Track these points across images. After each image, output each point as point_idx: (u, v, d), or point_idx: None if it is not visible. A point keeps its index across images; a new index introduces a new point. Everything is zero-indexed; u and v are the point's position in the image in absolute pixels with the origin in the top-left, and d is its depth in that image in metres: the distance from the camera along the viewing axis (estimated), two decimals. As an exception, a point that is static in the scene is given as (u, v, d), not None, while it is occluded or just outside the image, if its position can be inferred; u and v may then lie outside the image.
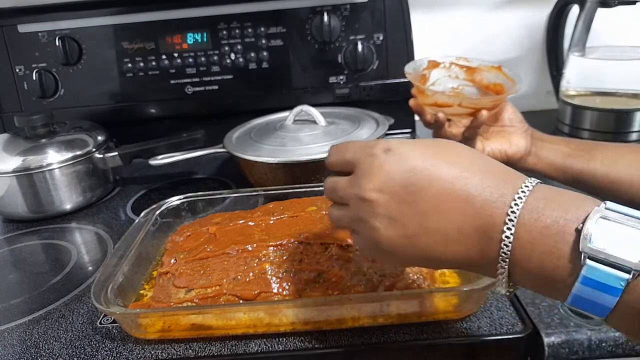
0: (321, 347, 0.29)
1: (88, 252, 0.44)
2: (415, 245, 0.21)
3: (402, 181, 0.21)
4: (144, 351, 0.30)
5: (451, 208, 0.20)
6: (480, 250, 0.20)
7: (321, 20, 0.59)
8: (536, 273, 0.19)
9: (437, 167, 0.21)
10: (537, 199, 0.19)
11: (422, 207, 0.20)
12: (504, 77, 0.40)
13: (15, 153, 0.49)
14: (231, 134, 0.54)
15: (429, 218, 0.20)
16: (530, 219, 0.19)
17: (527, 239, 0.19)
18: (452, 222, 0.20)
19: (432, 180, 0.20)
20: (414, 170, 0.21)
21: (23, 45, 0.61)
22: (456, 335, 0.29)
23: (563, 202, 0.19)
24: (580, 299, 0.18)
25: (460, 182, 0.20)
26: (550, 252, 0.18)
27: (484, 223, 0.19)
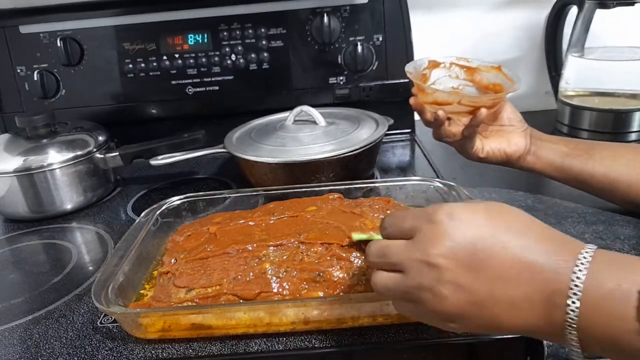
0: (321, 346, 0.29)
1: (89, 251, 0.44)
2: (482, 312, 0.21)
3: (469, 248, 0.21)
4: (144, 351, 0.30)
5: (518, 276, 0.20)
6: (546, 318, 0.20)
7: (321, 21, 0.59)
8: (603, 338, 0.19)
9: (503, 235, 0.21)
10: (598, 263, 0.20)
11: (489, 274, 0.20)
12: (503, 77, 0.40)
13: (16, 153, 0.50)
14: (231, 134, 0.55)
15: (496, 286, 0.20)
16: (594, 284, 0.19)
17: (592, 304, 0.19)
18: (519, 289, 0.20)
19: (500, 248, 0.21)
20: (481, 237, 0.21)
21: (24, 46, 0.61)
22: (456, 335, 0.29)
23: (623, 265, 0.20)
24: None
25: (527, 251, 0.21)
26: (615, 315, 0.19)
27: (550, 291, 0.20)
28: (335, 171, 0.48)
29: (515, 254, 0.21)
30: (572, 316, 0.19)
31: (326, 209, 0.38)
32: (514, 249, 0.21)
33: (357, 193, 0.44)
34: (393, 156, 0.61)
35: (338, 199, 0.41)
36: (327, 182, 0.46)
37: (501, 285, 0.20)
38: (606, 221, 0.39)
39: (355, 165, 0.49)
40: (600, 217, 0.40)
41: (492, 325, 0.21)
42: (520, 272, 0.20)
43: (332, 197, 0.41)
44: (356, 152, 0.47)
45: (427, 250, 0.21)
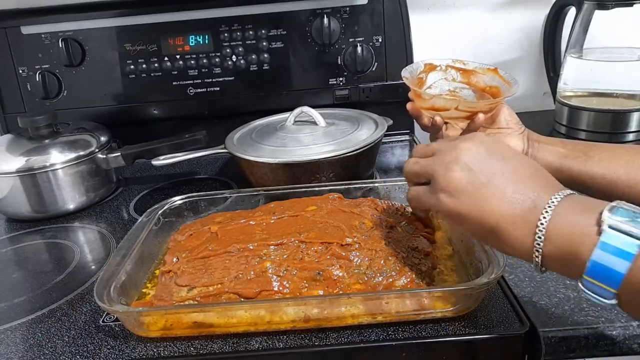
0: (321, 344, 0.30)
1: (91, 251, 0.45)
2: (477, 193, 0.26)
3: (491, 151, 0.27)
4: (146, 349, 0.30)
5: (517, 178, 0.26)
6: (525, 214, 0.24)
7: (321, 22, 0.60)
8: (564, 242, 0.23)
9: (518, 156, 0.28)
10: (577, 195, 0.25)
11: (495, 167, 0.26)
12: (500, 79, 0.41)
13: (18, 153, 0.50)
14: (232, 135, 0.55)
15: (497, 179, 0.26)
16: (569, 200, 0.24)
17: (562, 212, 0.23)
18: (514, 188, 0.25)
19: (512, 159, 0.27)
20: (502, 150, 0.27)
21: (26, 47, 0.61)
22: (454, 333, 0.30)
23: (596, 200, 0.24)
24: (597, 265, 0.21)
25: (532, 163, 0.27)
26: (579, 222, 0.23)
27: (537, 196, 0.25)
28: (335, 171, 0.48)
29: (524, 161, 0.27)
30: (546, 216, 0.23)
31: (326, 209, 0.39)
32: (524, 158, 0.27)
33: (357, 193, 0.44)
34: (392, 156, 0.62)
35: (338, 199, 0.41)
36: (327, 182, 0.46)
37: (501, 180, 0.26)
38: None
39: (355, 166, 0.49)
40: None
41: (478, 206, 0.26)
42: (520, 175, 0.26)
43: (332, 196, 0.41)
44: (356, 152, 0.48)
45: (460, 142, 0.28)
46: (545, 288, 0.33)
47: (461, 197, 0.26)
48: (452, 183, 0.26)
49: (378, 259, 0.33)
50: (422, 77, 0.41)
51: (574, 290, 0.32)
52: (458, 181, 0.26)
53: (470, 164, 0.26)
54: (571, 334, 0.29)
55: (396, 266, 0.32)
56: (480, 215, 0.26)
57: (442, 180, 0.27)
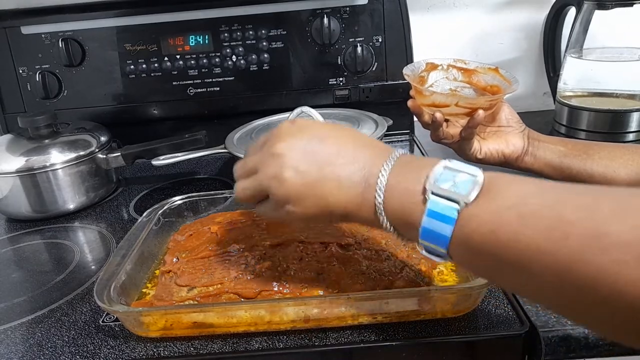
0: (321, 345, 0.30)
1: (91, 251, 0.45)
2: (314, 191, 0.26)
3: (306, 139, 0.26)
4: (146, 349, 0.30)
5: (344, 160, 0.26)
6: (363, 195, 0.25)
7: (321, 22, 0.60)
8: (400, 214, 0.24)
9: (334, 130, 0.27)
10: (406, 157, 0.25)
11: (319, 156, 0.26)
12: (500, 78, 0.41)
13: (18, 153, 0.50)
14: (232, 135, 0.55)
15: (326, 168, 0.26)
16: (396, 169, 0.25)
17: (393, 183, 0.24)
18: (345, 171, 0.25)
19: (330, 137, 0.27)
20: (317, 131, 0.27)
21: (26, 47, 0.61)
22: (454, 333, 0.30)
23: (424, 159, 0.25)
24: (427, 230, 0.23)
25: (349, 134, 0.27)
26: (408, 192, 0.24)
27: (367, 172, 0.25)
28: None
29: (343, 141, 0.26)
30: (380, 192, 0.24)
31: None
32: (343, 138, 0.27)
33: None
34: (393, 156, 0.61)
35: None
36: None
37: (330, 169, 0.25)
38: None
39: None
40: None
41: (322, 202, 0.26)
42: (346, 157, 0.26)
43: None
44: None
45: (272, 146, 0.27)
46: (545, 288, 0.33)
47: (304, 202, 0.26)
48: (289, 192, 0.26)
49: (378, 259, 0.33)
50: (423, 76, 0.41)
51: (574, 290, 0.32)
52: (293, 188, 0.26)
53: (295, 165, 0.26)
54: (571, 334, 0.29)
55: (396, 266, 0.32)
56: (328, 210, 0.26)
57: (279, 193, 0.26)
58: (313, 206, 0.26)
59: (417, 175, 0.23)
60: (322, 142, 0.26)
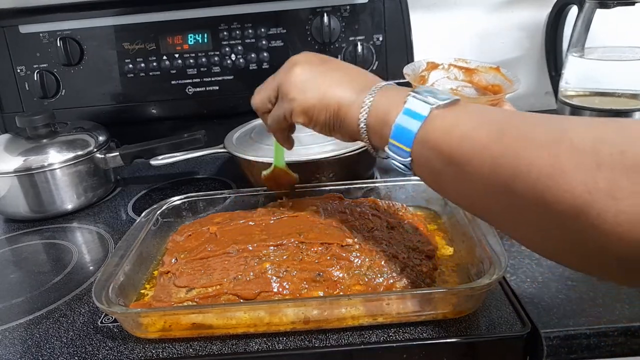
0: (321, 346, 0.29)
1: (89, 251, 0.44)
2: (317, 81, 0.30)
3: (319, 55, 0.33)
4: (144, 350, 0.30)
5: (348, 70, 0.32)
6: (357, 96, 0.29)
7: (321, 21, 0.59)
8: (381, 115, 0.28)
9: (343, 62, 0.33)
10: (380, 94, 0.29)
11: (329, 64, 0.32)
12: (502, 77, 0.40)
13: (16, 153, 0.50)
14: (231, 134, 0.55)
15: (333, 70, 0.31)
16: (389, 87, 0.29)
17: (383, 93, 0.29)
18: (346, 75, 0.31)
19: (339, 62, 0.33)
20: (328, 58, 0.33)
21: (24, 46, 0.61)
22: (455, 334, 0.29)
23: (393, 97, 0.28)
24: (398, 128, 0.26)
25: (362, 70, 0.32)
26: (395, 98, 0.27)
27: (365, 82, 0.30)
28: (336, 171, 0.48)
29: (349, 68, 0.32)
30: (372, 92, 0.29)
31: (326, 209, 0.38)
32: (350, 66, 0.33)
33: (357, 193, 0.44)
34: (393, 156, 0.61)
35: (338, 199, 0.41)
36: (327, 182, 0.46)
37: (336, 73, 0.31)
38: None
39: (355, 165, 0.49)
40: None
41: (322, 92, 0.30)
42: (350, 69, 0.32)
43: (332, 197, 0.41)
44: (356, 152, 0.47)
45: (288, 60, 0.32)
46: (547, 289, 0.32)
47: (306, 89, 0.30)
48: (295, 80, 0.30)
49: (379, 260, 0.33)
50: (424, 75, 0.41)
51: (576, 291, 0.32)
52: (299, 75, 0.30)
53: (306, 61, 0.31)
54: (573, 334, 0.29)
55: (397, 267, 0.32)
56: (325, 100, 0.30)
57: (286, 83, 0.31)
58: (313, 94, 0.30)
59: (405, 89, 0.28)
60: (333, 61, 0.32)
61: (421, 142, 0.25)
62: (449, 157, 0.24)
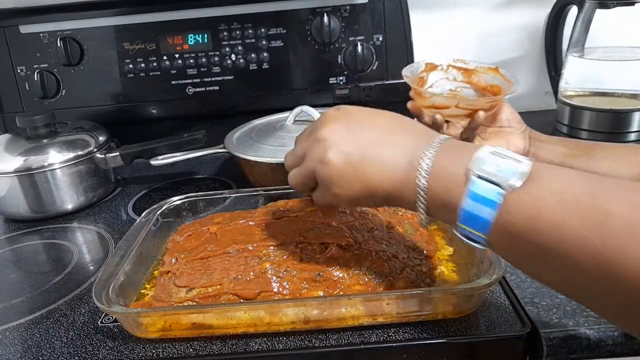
0: (321, 346, 0.29)
1: (89, 251, 0.44)
2: (358, 173, 0.26)
3: (349, 120, 0.28)
4: (145, 350, 0.30)
5: (388, 142, 0.26)
6: (406, 176, 0.25)
7: (321, 21, 0.59)
8: (441, 196, 0.24)
9: (378, 117, 0.28)
10: (450, 142, 0.25)
11: (362, 139, 0.26)
12: (501, 78, 0.40)
13: (16, 153, 0.50)
14: (231, 134, 0.55)
15: (369, 150, 0.26)
16: (442, 153, 0.25)
17: (437, 166, 0.24)
18: (388, 153, 0.26)
19: (374, 120, 0.27)
20: (359, 114, 0.28)
21: (25, 46, 0.61)
22: (455, 334, 0.29)
23: (468, 145, 0.25)
24: (467, 214, 0.23)
25: (391, 118, 0.28)
26: (451, 175, 0.24)
27: (411, 155, 0.25)
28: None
29: (385, 129, 0.27)
30: (423, 174, 0.24)
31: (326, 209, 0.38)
32: (386, 127, 0.27)
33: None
34: (393, 156, 0.61)
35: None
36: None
37: (373, 151, 0.26)
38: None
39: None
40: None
41: (364, 184, 0.26)
42: (389, 144, 0.26)
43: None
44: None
45: (317, 132, 0.28)
46: (547, 289, 0.32)
47: (347, 183, 0.27)
48: (333, 174, 0.27)
49: (378, 260, 0.33)
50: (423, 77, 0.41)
51: (575, 291, 0.32)
52: (337, 169, 0.26)
53: (339, 147, 0.26)
54: (573, 334, 0.29)
55: (397, 267, 0.32)
56: (370, 191, 0.26)
57: (324, 175, 0.27)
58: (356, 188, 0.26)
59: (461, 159, 0.23)
60: (365, 125, 0.27)
61: (499, 230, 0.22)
62: (537, 246, 0.20)
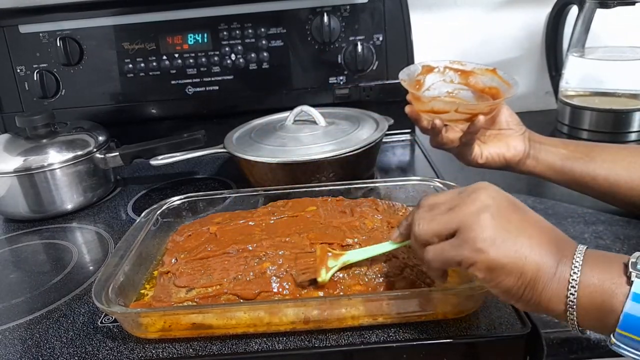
0: (321, 346, 0.29)
1: (89, 251, 0.44)
2: (517, 239, 0.24)
3: (508, 197, 0.26)
4: (144, 350, 0.30)
5: (539, 229, 0.25)
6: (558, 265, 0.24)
7: (321, 20, 0.59)
8: (597, 298, 0.23)
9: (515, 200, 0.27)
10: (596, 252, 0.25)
11: (523, 216, 0.26)
12: (499, 79, 0.40)
13: (16, 153, 0.50)
14: (231, 134, 0.55)
15: (528, 225, 0.25)
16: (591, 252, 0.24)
17: (590, 263, 0.23)
18: (543, 234, 0.25)
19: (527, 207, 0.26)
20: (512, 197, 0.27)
21: (24, 46, 0.61)
22: (456, 334, 0.29)
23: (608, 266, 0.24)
24: (631, 317, 0.21)
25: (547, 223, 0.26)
26: (608, 275, 0.23)
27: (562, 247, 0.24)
28: (336, 171, 0.48)
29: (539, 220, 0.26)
30: (572, 297, 0.23)
31: (326, 209, 0.38)
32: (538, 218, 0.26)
33: (357, 193, 0.44)
34: (393, 156, 0.61)
35: (338, 200, 0.41)
36: (327, 182, 0.46)
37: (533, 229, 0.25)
38: (606, 221, 0.39)
39: (355, 165, 0.49)
40: (600, 218, 0.40)
41: (520, 253, 0.24)
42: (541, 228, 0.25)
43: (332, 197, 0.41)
44: (356, 152, 0.47)
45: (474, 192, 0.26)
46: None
47: (501, 244, 0.24)
48: (487, 231, 0.24)
49: (379, 260, 0.33)
50: (420, 79, 0.41)
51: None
52: (494, 228, 0.24)
53: (499, 210, 0.25)
54: (573, 335, 0.29)
55: (397, 267, 0.32)
56: (522, 263, 0.24)
57: (474, 230, 0.24)
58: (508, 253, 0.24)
59: (614, 259, 0.23)
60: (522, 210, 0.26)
61: None
62: None
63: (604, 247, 0.36)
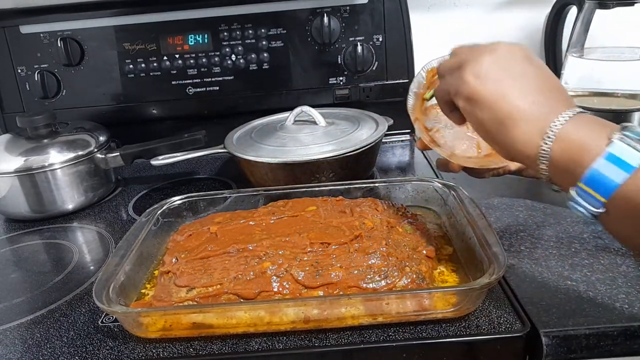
0: (321, 345, 0.29)
1: (90, 251, 0.45)
2: (503, 82, 0.26)
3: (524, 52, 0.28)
4: (145, 350, 0.30)
5: (542, 86, 0.26)
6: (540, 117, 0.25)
7: (321, 21, 0.60)
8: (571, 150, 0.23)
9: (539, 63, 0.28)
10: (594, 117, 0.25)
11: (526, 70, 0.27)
12: None
13: (17, 153, 0.50)
14: (232, 135, 0.55)
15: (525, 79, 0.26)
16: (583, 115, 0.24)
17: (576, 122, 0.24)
18: (537, 93, 0.26)
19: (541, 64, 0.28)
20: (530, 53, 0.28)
21: (25, 46, 0.61)
22: (455, 334, 0.29)
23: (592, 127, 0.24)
24: (595, 174, 0.22)
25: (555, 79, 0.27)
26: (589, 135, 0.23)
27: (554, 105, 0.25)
28: (336, 171, 0.48)
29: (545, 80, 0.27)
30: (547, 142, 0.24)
31: (326, 209, 0.39)
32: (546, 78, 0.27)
33: (357, 193, 0.44)
34: (393, 156, 0.61)
35: (338, 199, 0.41)
36: (327, 182, 0.46)
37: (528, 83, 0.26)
38: (605, 221, 0.40)
39: (355, 166, 0.49)
40: (599, 217, 0.40)
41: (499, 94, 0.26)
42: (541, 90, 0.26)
43: (332, 197, 0.41)
44: (356, 152, 0.47)
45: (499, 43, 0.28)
46: (547, 289, 0.33)
47: (486, 81, 0.26)
48: (482, 67, 0.27)
49: (379, 260, 0.33)
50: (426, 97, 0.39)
51: (575, 290, 0.32)
52: (489, 66, 0.26)
53: (505, 58, 0.27)
54: (572, 334, 0.29)
55: (397, 267, 0.32)
56: (498, 101, 0.26)
57: (473, 63, 0.27)
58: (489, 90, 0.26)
59: (604, 124, 0.23)
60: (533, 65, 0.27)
61: (624, 198, 0.21)
62: None
63: (603, 247, 0.36)
